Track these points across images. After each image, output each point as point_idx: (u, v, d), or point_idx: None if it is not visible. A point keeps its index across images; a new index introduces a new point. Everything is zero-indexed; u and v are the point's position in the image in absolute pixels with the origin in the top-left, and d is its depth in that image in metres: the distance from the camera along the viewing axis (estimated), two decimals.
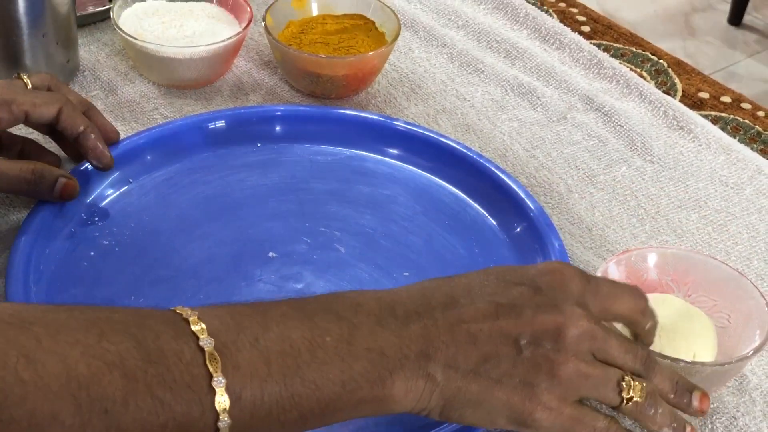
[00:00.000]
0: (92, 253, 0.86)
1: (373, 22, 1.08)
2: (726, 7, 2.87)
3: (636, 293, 0.72)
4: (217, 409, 0.58)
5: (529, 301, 0.66)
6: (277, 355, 0.61)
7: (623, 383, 0.67)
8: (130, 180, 0.93)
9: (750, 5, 2.82)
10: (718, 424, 0.79)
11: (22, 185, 0.86)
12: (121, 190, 0.92)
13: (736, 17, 2.84)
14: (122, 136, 0.96)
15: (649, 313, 0.72)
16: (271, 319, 0.62)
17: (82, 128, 0.88)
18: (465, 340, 0.64)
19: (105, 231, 0.89)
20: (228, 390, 0.59)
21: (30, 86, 0.89)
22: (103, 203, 0.91)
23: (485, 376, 0.64)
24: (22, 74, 0.90)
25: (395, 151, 0.98)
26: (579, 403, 0.67)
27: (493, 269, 0.70)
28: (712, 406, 0.79)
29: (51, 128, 0.89)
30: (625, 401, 0.67)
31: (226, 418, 0.59)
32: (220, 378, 0.59)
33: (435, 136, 0.98)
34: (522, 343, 0.65)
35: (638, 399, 0.68)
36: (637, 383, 0.68)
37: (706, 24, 2.88)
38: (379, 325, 0.64)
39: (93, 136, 0.89)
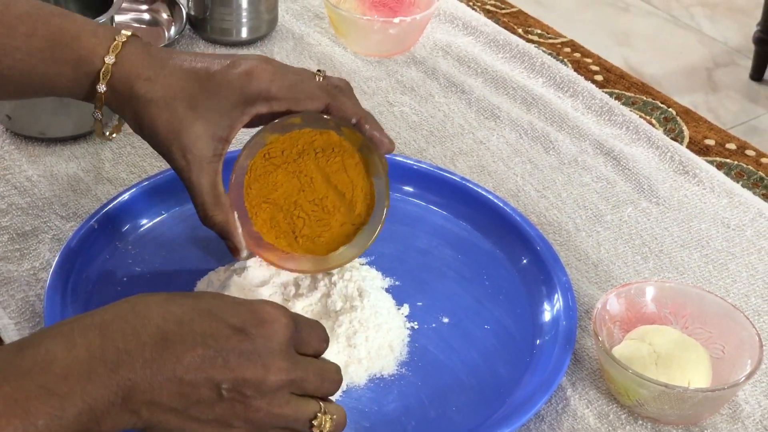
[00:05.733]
0: (125, 279, 0.92)
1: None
2: (748, 63, 2.92)
3: (323, 332, 0.76)
4: None
5: (237, 348, 0.70)
6: None
7: (315, 421, 0.73)
8: (163, 212, 0.99)
9: None
10: None
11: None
12: (155, 220, 0.99)
13: (757, 73, 2.88)
14: (156, 170, 1.03)
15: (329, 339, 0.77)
16: None
17: (354, 120, 0.87)
18: (170, 381, 0.69)
19: (138, 259, 0.95)
20: None
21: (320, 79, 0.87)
22: (138, 232, 0.97)
23: (185, 414, 0.69)
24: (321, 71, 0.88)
25: (413, 189, 1.04)
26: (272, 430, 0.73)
27: (207, 300, 0.73)
28: None
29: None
30: None
31: None
32: None
33: (450, 176, 1.04)
34: (223, 388, 0.69)
35: (328, 430, 0.73)
36: (327, 417, 0.73)
37: (728, 79, 2.93)
38: (89, 381, 0.67)
39: (368, 126, 0.87)
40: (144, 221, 0.98)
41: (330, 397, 0.75)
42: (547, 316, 0.91)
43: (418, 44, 1.28)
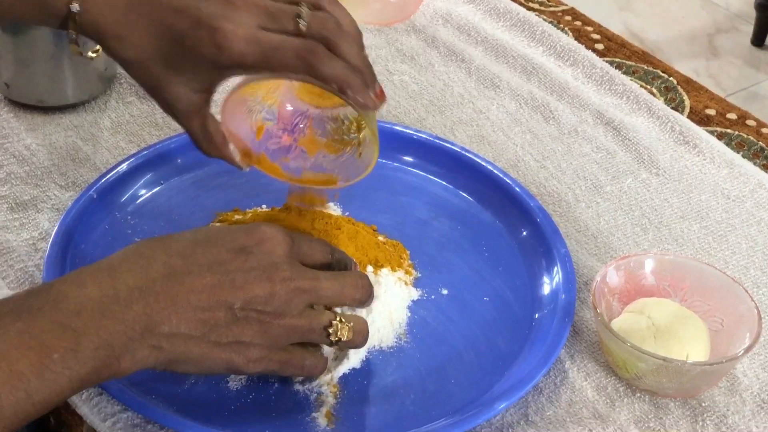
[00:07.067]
0: None
1: None
2: (749, 29, 2.91)
3: (324, 245, 0.81)
4: None
5: (241, 268, 0.73)
6: (8, 391, 0.65)
7: (330, 329, 0.76)
8: (162, 181, 0.99)
9: None
10: (708, 422, 0.83)
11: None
12: (153, 190, 0.98)
13: (759, 39, 2.88)
14: (155, 140, 1.03)
15: (335, 252, 0.82)
16: None
17: (335, 87, 0.79)
18: (186, 310, 0.71)
19: (137, 229, 0.95)
20: None
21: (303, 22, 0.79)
22: (136, 203, 0.97)
23: (205, 340, 0.72)
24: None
25: (412, 159, 1.03)
26: (291, 346, 0.76)
27: (203, 232, 0.76)
28: (703, 404, 0.84)
29: None
30: (335, 342, 0.77)
31: None
32: None
33: (450, 145, 1.03)
34: (236, 308, 0.72)
35: (346, 338, 0.77)
36: (344, 325, 0.76)
37: (729, 45, 2.92)
38: (103, 316, 0.68)
39: (349, 91, 0.78)
40: (143, 191, 0.98)
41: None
42: (546, 289, 0.91)
43: (418, 12, 1.27)
